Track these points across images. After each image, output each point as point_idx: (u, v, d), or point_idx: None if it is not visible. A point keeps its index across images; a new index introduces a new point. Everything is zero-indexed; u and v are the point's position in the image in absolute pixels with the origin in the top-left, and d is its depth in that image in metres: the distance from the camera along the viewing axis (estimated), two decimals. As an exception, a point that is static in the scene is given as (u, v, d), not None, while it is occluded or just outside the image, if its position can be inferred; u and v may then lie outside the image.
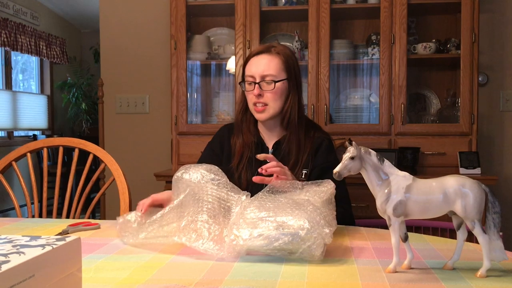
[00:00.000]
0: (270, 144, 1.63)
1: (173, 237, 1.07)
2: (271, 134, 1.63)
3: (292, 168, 1.54)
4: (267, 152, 1.61)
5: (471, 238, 0.92)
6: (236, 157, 1.59)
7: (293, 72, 1.59)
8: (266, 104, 1.55)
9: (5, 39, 5.30)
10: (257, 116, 1.58)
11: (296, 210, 1.03)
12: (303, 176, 1.55)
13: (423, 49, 2.78)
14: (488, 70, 3.04)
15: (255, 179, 1.31)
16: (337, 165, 0.96)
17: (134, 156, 3.28)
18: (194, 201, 1.11)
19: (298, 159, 1.56)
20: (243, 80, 1.62)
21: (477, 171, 2.61)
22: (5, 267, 0.55)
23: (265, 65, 1.55)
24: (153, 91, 3.28)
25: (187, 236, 1.04)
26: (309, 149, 1.57)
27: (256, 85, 1.54)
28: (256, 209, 1.06)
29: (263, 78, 1.55)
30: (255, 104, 1.56)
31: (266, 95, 1.54)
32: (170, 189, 1.42)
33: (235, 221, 1.04)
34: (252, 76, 1.56)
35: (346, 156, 0.88)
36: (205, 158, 1.68)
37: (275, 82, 1.54)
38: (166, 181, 2.71)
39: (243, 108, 1.64)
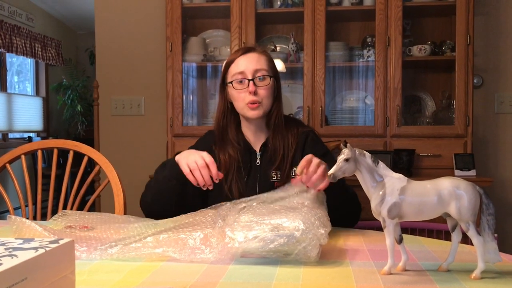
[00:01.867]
0: (257, 147, 1.58)
1: (153, 250, 1.02)
2: (257, 136, 1.59)
3: (279, 166, 1.53)
4: (255, 156, 1.57)
5: (465, 240, 0.92)
6: (223, 170, 1.51)
7: (276, 70, 1.59)
8: (260, 102, 1.51)
9: (0, 41, 5.28)
10: (251, 113, 1.52)
11: (291, 213, 1.03)
12: (293, 174, 1.53)
13: (418, 51, 2.79)
14: (483, 72, 3.05)
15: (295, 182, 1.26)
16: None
17: (129, 158, 3.27)
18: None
19: (284, 156, 1.53)
20: (223, 82, 1.57)
21: (472, 173, 2.62)
22: (-3, 270, 0.55)
23: (255, 61, 1.51)
24: (148, 93, 3.27)
25: (173, 249, 1.01)
26: (295, 145, 1.55)
27: (251, 82, 1.49)
28: (250, 214, 1.06)
29: (254, 74, 1.51)
30: (248, 103, 1.50)
31: (259, 92, 1.51)
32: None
33: (229, 224, 1.03)
34: (241, 73, 1.51)
35: (341, 158, 0.88)
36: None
37: (270, 77, 1.52)
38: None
39: (226, 114, 1.58)
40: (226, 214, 1.10)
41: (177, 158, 1.43)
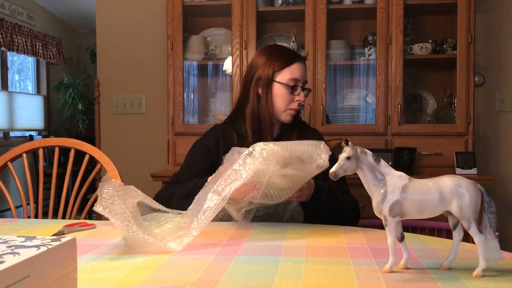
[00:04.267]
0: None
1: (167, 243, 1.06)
2: (267, 133, 1.65)
3: None
4: None
5: (467, 238, 0.92)
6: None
7: None
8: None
9: (1, 40, 5.28)
10: (288, 118, 1.63)
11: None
12: None
13: (420, 49, 2.79)
14: (484, 71, 3.05)
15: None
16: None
17: (130, 156, 3.27)
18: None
19: None
20: (272, 78, 1.60)
21: (473, 171, 2.62)
22: (-1, 267, 0.55)
23: (305, 73, 1.64)
24: (149, 92, 3.27)
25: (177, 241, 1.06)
26: None
27: (303, 91, 1.62)
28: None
29: (304, 85, 1.63)
30: (292, 108, 1.62)
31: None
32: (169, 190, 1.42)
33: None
34: (298, 80, 1.61)
35: (342, 156, 0.88)
36: (197, 154, 1.64)
37: (308, 90, 1.66)
38: (162, 181, 2.71)
39: (258, 107, 1.62)
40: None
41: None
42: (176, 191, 1.52)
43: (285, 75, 1.59)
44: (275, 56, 1.61)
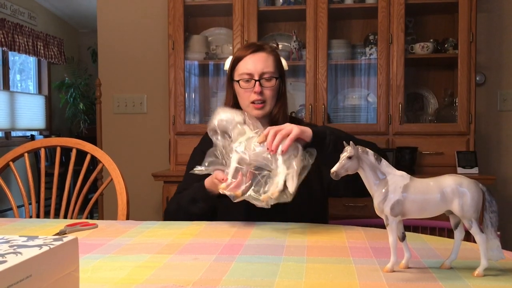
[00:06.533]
0: None
1: None
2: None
3: None
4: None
5: (468, 237, 0.92)
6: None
7: (282, 70, 1.63)
8: (264, 101, 1.56)
9: (3, 39, 5.29)
10: (255, 112, 1.57)
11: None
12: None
13: (421, 49, 2.78)
14: (485, 70, 3.05)
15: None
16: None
17: (132, 156, 3.27)
18: None
19: None
20: (231, 78, 1.61)
21: (475, 170, 2.62)
22: (2, 267, 0.55)
23: (263, 63, 1.56)
24: (151, 91, 3.28)
25: None
26: None
27: (257, 82, 1.55)
28: None
29: (261, 75, 1.56)
30: (253, 101, 1.56)
31: (265, 92, 1.56)
32: (168, 189, 1.42)
33: None
34: (249, 74, 1.56)
35: (344, 155, 0.88)
36: (196, 161, 1.65)
37: (276, 78, 1.57)
38: (164, 181, 2.71)
39: (233, 107, 1.62)
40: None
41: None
42: (181, 200, 1.54)
43: (238, 71, 1.59)
44: (234, 55, 1.64)
